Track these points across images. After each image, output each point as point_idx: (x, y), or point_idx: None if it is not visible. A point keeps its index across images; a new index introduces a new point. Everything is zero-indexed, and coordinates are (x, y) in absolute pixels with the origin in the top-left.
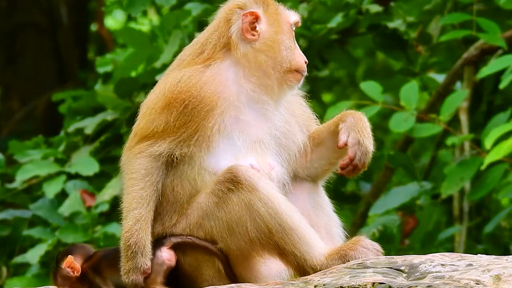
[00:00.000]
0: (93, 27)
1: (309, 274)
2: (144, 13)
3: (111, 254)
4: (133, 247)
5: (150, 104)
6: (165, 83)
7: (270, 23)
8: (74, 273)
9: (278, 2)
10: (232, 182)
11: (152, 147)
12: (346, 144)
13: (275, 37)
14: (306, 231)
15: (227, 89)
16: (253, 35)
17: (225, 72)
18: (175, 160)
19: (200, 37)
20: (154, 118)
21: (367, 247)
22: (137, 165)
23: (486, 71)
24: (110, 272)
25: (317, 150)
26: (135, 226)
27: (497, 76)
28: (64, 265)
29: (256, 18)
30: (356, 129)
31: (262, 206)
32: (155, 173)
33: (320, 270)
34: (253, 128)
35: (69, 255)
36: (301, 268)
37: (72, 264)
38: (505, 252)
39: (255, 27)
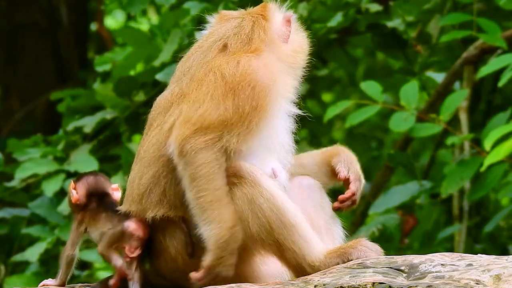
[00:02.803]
0: (93, 27)
1: (308, 273)
2: (144, 13)
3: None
4: (236, 242)
5: (202, 92)
6: (215, 69)
7: (297, 29)
8: (73, 199)
9: (278, 0)
10: (236, 176)
11: (221, 140)
12: (346, 178)
13: (303, 42)
14: (307, 229)
15: (280, 81)
16: (287, 37)
17: (275, 65)
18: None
19: (237, 28)
20: (217, 104)
21: (367, 246)
22: (212, 159)
23: (485, 70)
24: (92, 224)
25: (297, 171)
26: (237, 221)
27: (496, 75)
28: (71, 186)
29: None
30: (354, 166)
31: (264, 202)
32: (224, 167)
33: (319, 269)
34: (284, 127)
35: (72, 181)
36: (300, 266)
37: (72, 190)
38: (504, 252)
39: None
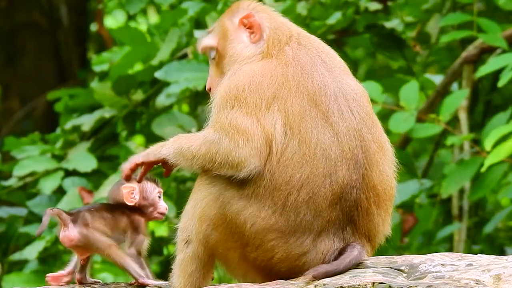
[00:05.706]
0: (93, 27)
1: None
2: (144, 12)
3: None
4: None
5: None
6: None
7: None
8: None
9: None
10: None
11: None
12: None
13: None
14: None
15: None
16: None
17: None
18: None
19: None
20: None
21: None
22: None
23: (485, 69)
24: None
25: None
26: None
27: (495, 75)
28: (135, 188)
29: None
30: None
31: None
32: None
33: None
34: None
35: (134, 184)
36: None
37: (137, 195)
38: (501, 253)
39: None
